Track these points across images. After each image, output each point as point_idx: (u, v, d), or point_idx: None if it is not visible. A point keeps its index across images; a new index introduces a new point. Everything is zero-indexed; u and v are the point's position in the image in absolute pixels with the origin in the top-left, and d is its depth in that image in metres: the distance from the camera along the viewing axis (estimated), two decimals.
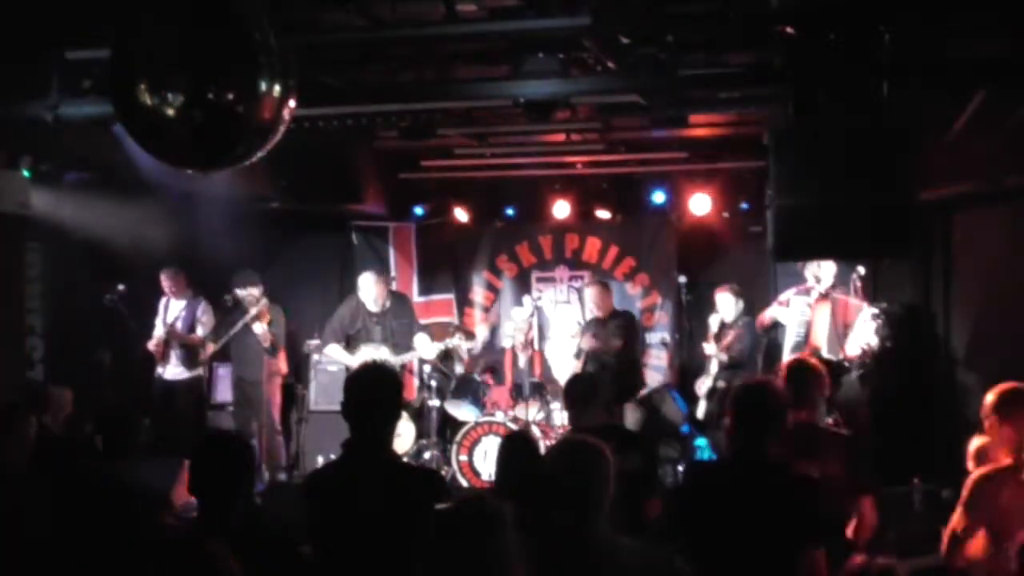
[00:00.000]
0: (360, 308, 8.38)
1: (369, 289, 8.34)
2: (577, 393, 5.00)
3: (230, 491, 3.33)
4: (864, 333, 7.53)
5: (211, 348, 8.44)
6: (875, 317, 7.49)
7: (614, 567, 3.00)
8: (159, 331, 8.43)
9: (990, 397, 4.15)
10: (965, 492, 4.02)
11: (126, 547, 3.52)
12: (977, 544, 3.98)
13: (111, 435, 4.43)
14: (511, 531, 2.58)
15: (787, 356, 7.77)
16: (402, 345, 8.38)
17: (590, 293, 8.75)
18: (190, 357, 8.48)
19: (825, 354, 7.61)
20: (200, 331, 8.51)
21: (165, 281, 8.50)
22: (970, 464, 4.38)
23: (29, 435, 4.59)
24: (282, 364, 8.73)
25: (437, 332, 8.99)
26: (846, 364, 7.64)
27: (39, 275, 7.90)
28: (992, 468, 4.04)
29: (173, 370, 8.47)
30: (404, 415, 7.10)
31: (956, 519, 4.04)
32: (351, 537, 3.41)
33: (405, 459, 8.09)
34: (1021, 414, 4.03)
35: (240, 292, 8.29)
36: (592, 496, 3.04)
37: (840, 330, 7.66)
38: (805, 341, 7.76)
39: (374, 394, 3.50)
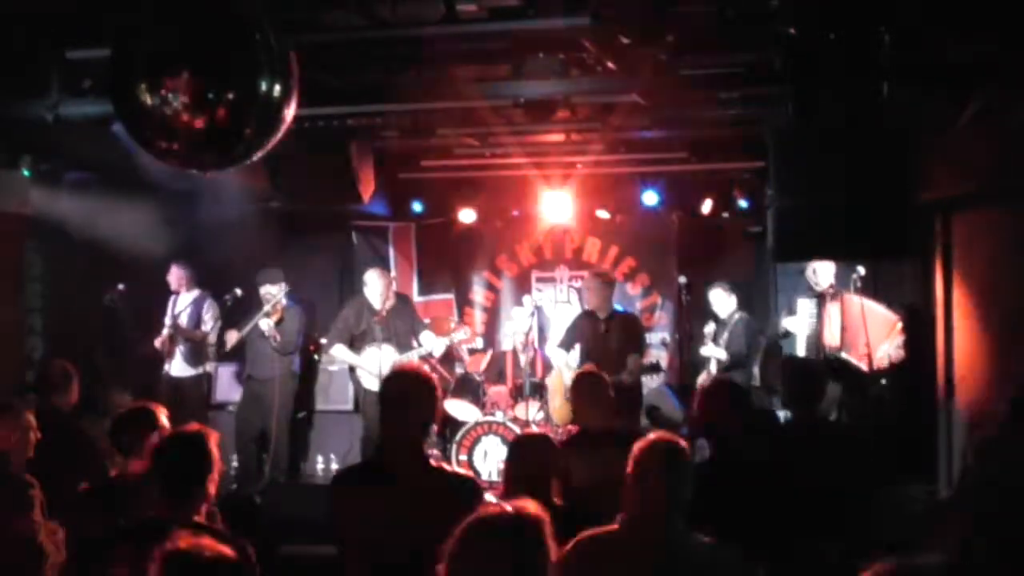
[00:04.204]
0: (364, 308, 8.35)
1: (375, 285, 8.31)
2: (582, 391, 5.00)
3: (189, 485, 3.40)
4: (891, 346, 7.53)
5: (234, 338, 8.33)
6: (902, 331, 7.51)
7: (689, 566, 3.04)
8: (168, 329, 8.46)
9: None
10: None
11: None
12: None
13: None
14: (547, 542, 2.41)
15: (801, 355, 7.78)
16: (405, 344, 8.38)
17: (590, 285, 8.27)
18: (195, 353, 8.51)
19: (844, 355, 7.58)
20: (204, 328, 8.53)
21: (177, 271, 8.53)
22: None
23: (28, 434, 4.60)
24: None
25: (437, 326, 8.98)
26: (863, 367, 7.62)
27: (39, 275, 7.89)
28: None
29: (179, 367, 8.49)
30: None
31: None
32: (378, 539, 3.35)
33: None
34: None
35: (260, 290, 8.30)
36: (676, 495, 3.08)
37: (854, 331, 7.61)
38: (816, 342, 7.73)
39: (406, 394, 3.47)
